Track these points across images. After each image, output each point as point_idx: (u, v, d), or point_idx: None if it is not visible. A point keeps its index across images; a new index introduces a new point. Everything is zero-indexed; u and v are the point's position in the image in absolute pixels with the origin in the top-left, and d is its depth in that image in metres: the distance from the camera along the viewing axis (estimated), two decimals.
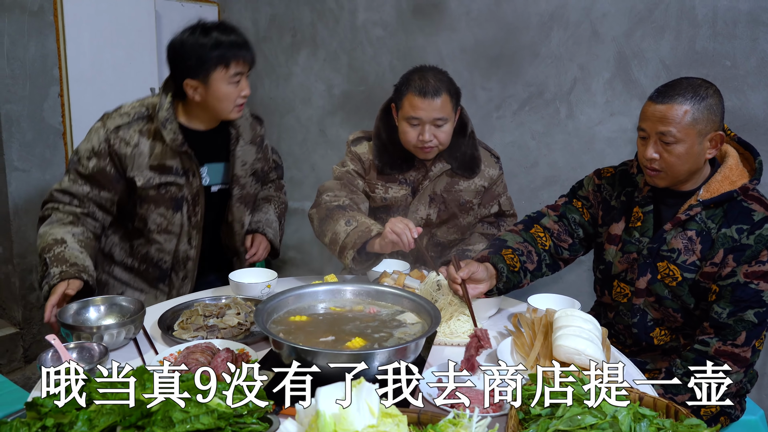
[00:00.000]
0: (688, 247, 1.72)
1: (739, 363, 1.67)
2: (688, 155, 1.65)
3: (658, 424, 1.12)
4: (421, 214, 2.25)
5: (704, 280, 1.71)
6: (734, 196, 1.68)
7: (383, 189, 2.26)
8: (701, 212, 1.71)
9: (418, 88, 2.04)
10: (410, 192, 2.25)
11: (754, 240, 1.64)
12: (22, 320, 3.24)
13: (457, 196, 2.26)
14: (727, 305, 1.66)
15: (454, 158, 2.22)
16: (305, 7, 3.70)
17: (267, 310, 1.49)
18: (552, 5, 2.91)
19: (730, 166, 1.72)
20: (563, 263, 2.02)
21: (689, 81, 1.66)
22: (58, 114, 3.23)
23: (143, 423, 1.02)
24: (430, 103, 2.04)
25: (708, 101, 1.62)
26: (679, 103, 1.62)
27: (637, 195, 1.84)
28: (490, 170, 2.30)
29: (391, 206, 2.27)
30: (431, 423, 1.10)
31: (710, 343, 1.68)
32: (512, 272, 1.84)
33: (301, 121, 3.90)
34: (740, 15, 2.51)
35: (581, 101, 2.92)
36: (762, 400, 2.70)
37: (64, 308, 1.67)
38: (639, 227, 1.81)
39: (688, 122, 1.61)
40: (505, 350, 1.62)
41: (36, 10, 3.05)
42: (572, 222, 1.98)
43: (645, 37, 2.72)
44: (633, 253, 1.82)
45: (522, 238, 1.94)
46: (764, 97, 2.51)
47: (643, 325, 1.84)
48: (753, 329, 1.65)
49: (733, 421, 1.82)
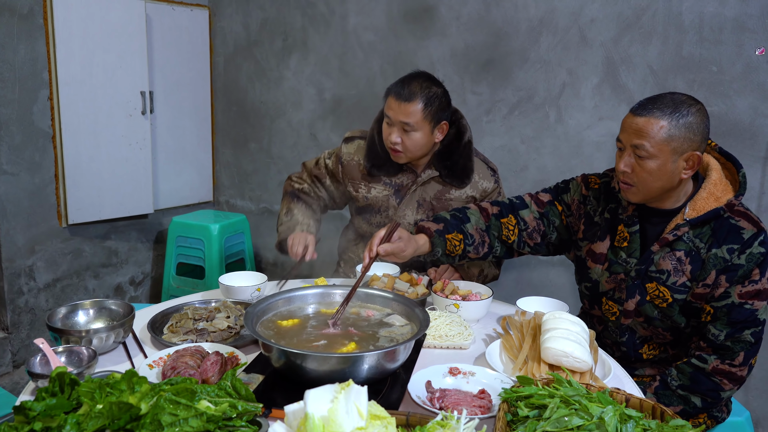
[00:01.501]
0: (677, 268, 1.68)
1: (735, 381, 1.68)
2: (660, 172, 1.61)
3: (644, 425, 1.13)
4: (408, 219, 2.27)
5: (696, 301, 1.69)
6: (721, 213, 1.64)
7: (366, 189, 2.29)
8: (688, 231, 1.67)
9: (396, 89, 2.09)
10: (393, 194, 2.28)
11: (745, 259, 1.61)
12: (11, 324, 3.22)
13: (446, 204, 2.26)
14: (724, 327, 1.65)
15: (443, 166, 2.23)
16: (296, 11, 3.71)
17: (256, 313, 1.49)
18: (541, 11, 2.93)
19: (714, 181, 1.68)
20: (518, 255, 2.01)
21: (673, 96, 1.61)
22: (48, 117, 3.22)
23: (132, 426, 1.02)
24: (400, 106, 2.07)
25: (688, 119, 1.57)
26: (657, 117, 1.57)
27: (622, 213, 1.79)
28: (484, 182, 2.27)
29: (372, 206, 2.31)
30: (420, 425, 1.11)
31: (708, 360, 1.67)
32: (447, 256, 1.88)
33: (292, 125, 3.90)
34: (726, 21, 2.54)
35: (570, 106, 2.94)
36: (748, 402, 2.73)
37: (53, 312, 1.66)
38: (625, 248, 1.77)
39: (662, 138, 1.57)
40: (493, 352, 1.63)
41: (26, 13, 3.04)
42: (551, 224, 1.95)
43: (633, 43, 2.75)
44: (620, 273, 1.78)
45: (485, 225, 1.92)
46: (750, 102, 2.54)
47: (632, 343, 1.84)
48: (750, 348, 1.65)
49: (719, 423, 1.83)
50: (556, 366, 1.48)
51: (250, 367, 1.44)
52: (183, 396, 1.06)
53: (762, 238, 1.62)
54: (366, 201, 2.30)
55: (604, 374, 1.54)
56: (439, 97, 2.10)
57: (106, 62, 3.34)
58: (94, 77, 3.31)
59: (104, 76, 3.35)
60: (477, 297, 1.92)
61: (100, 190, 3.45)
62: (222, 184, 4.32)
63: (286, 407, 1.03)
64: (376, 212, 2.31)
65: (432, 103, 2.08)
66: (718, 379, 1.67)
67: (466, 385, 1.46)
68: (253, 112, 4.04)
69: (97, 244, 3.62)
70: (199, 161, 4.18)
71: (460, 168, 2.23)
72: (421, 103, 2.05)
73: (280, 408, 1.10)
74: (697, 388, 1.68)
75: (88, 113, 3.32)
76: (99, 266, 3.66)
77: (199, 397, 1.08)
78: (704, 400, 1.69)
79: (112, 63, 3.37)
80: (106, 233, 3.66)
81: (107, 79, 3.36)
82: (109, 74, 3.37)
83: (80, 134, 3.31)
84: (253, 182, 4.17)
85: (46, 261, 3.35)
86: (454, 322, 1.76)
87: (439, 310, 1.86)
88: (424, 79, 2.11)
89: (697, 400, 1.69)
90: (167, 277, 3.81)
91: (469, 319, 1.85)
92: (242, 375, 1.39)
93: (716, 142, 1.79)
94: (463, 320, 1.80)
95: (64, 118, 3.23)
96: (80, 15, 3.20)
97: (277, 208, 4.10)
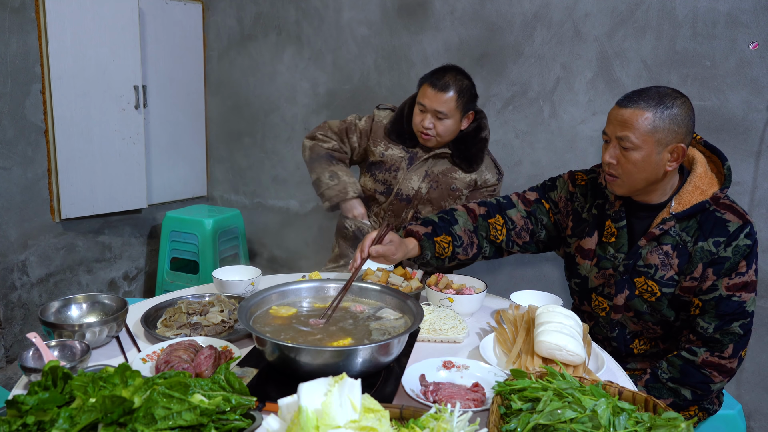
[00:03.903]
0: (665, 262, 1.70)
1: (725, 373, 1.69)
2: (644, 163, 1.63)
3: (636, 417, 1.14)
4: (413, 184, 2.41)
5: (684, 294, 1.71)
6: (707, 206, 1.66)
7: (384, 147, 2.46)
8: (675, 225, 1.69)
9: (433, 80, 2.28)
10: (407, 158, 2.44)
11: (731, 252, 1.63)
12: (3, 319, 3.21)
13: (450, 181, 2.42)
14: (713, 320, 1.66)
15: (457, 148, 2.40)
16: (290, 5, 3.69)
17: (250, 307, 1.49)
18: (535, 5, 2.93)
19: (699, 174, 1.69)
20: (507, 254, 2.02)
21: (659, 89, 1.62)
22: (40, 111, 3.20)
23: (125, 420, 1.02)
24: (436, 95, 2.26)
25: (672, 111, 1.59)
26: (642, 109, 1.59)
27: (609, 208, 1.81)
28: (487, 174, 2.46)
29: (384, 163, 2.45)
30: (413, 418, 1.11)
31: (698, 353, 1.69)
32: (437, 258, 1.88)
33: (285, 120, 3.89)
34: (719, 16, 2.54)
35: (564, 100, 2.95)
36: (740, 395, 2.75)
37: (46, 306, 1.65)
38: (613, 243, 1.78)
39: (647, 129, 1.59)
40: (487, 346, 1.63)
41: (17, 7, 3.02)
42: (539, 222, 1.96)
43: (627, 37, 2.75)
44: (609, 269, 1.80)
45: (473, 226, 1.93)
46: (743, 96, 2.55)
47: (622, 338, 1.85)
48: (739, 340, 1.67)
49: (710, 415, 1.84)
50: (550, 359, 1.49)
51: (243, 360, 1.44)
52: (176, 390, 1.06)
53: (748, 230, 1.64)
54: (381, 157, 2.45)
55: (597, 367, 1.54)
56: (470, 89, 2.32)
57: (99, 56, 3.32)
58: (86, 71, 3.29)
59: (97, 70, 3.33)
60: (471, 291, 1.92)
61: (93, 184, 3.44)
62: (216, 178, 4.30)
63: (280, 401, 1.03)
64: (385, 170, 2.45)
65: (464, 94, 2.29)
66: (708, 372, 1.68)
67: (459, 378, 1.46)
68: (246, 107, 4.03)
69: (90, 239, 3.60)
70: (192, 156, 4.17)
71: (471, 156, 2.41)
72: (455, 94, 2.26)
73: (274, 401, 1.10)
74: (687, 381, 1.70)
75: (80, 107, 3.31)
76: (92, 261, 3.65)
77: (192, 390, 1.08)
78: (694, 393, 1.70)
79: (105, 57, 3.35)
80: (99, 228, 3.65)
81: (100, 73, 3.35)
82: (102, 68, 3.35)
83: (73, 128, 3.29)
84: (246, 177, 4.16)
85: (39, 256, 3.33)
86: (447, 316, 1.77)
87: (432, 305, 1.86)
88: (457, 72, 2.31)
89: (687, 393, 1.70)
90: (161, 272, 3.80)
91: (462, 313, 1.86)
92: (236, 369, 1.39)
93: (707, 137, 1.80)
94: (457, 314, 1.80)
95: (56, 112, 3.22)
96: (73, 9, 3.18)
97: (271, 202, 4.09)
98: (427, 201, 2.44)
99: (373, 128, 2.49)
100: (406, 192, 2.43)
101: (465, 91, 2.29)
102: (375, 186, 2.49)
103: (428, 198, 2.43)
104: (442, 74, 2.28)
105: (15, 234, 3.19)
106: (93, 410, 1.01)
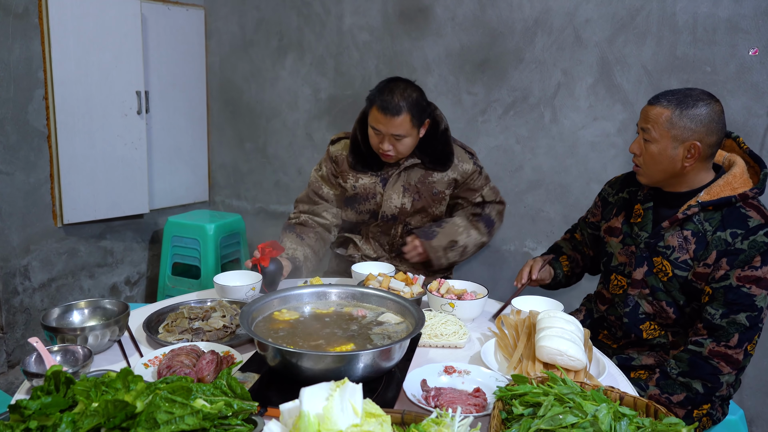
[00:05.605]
0: (682, 246, 1.77)
1: (732, 364, 1.70)
2: (660, 156, 1.74)
3: (637, 422, 1.14)
4: (395, 203, 2.36)
5: (697, 280, 1.75)
6: (732, 201, 1.71)
7: (354, 179, 2.38)
8: (699, 213, 1.75)
9: (381, 104, 2.13)
10: (379, 181, 2.37)
11: (748, 245, 1.66)
12: (5, 324, 3.22)
13: (430, 186, 2.37)
14: (720, 307, 1.70)
15: (425, 154, 2.33)
16: (292, 11, 3.71)
17: (252, 312, 1.49)
18: (536, 11, 2.94)
19: (734, 173, 1.76)
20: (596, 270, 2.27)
21: (689, 91, 1.73)
22: (43, 117, 3.21)
23: (128, 424, 1.02)
24: (389, 120, 2.13)
25: (693, 111, 1.68)
26: (663, 106, 1.71)
27: (640, 194, 1.93)
28: (464, 165, 2.38)
29: (360, 195, 2.39)
30: (415, 423, 1.11)
31: (704, 344, 1.72)
32: (566, 276, 2.21)
33: (287, 125, 3.90)
34: (719, 22, 2.55)
35: (565, 106, 2.95)
36: (742, 401, 2.75)
37: (48, 311, 1.66)
38: (639, 223, 1.88)
39: (664, 124, 1.71)
40: (488, 351, 1.64)
41: (21, 12, 3.04)
42: (583, 234, 2.23)
43: (627, 43, 2.76)
44: (632, 246, 1.90)
45: (571, 245, 2.26)
46: (743, 102, 2.55)
47: (634, 316, 1.89)
48: (745, 332, 1.68)
49: (715, 423, 1.85)
50: (551, 364, 1.49)
51: (245, 366, 1.45)
52: (179, 394, 1.07)
53: None
54: (354, 190, 2.39)
55: (599, 373, 1.54)
56: (419, 101, 2.18)
57: (102, 62, 3.34)
58: (89, 77, 3.30)
59: (100, 76, 3.34)
60: (472, 296, 1.93)
61: (95, 189, 3.45)
62: (217, 183, 4.31)
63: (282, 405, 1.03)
64: (364, 200, 2.40)
65: (416, 109, 2.16)
66: (716, 362, 1.70)
67: (461, 383, 1.47)
68: (248, 112, 4.04)
69: (92, 243, 3.61)
70: (194, 161, 4.18)
71: (439, 154, 2.34)
72: (408, 113, 2.14)
73: (276, 406, 1.10)
74: (697, 373, 1.72)
75: (83, 113, 3.32)
76: (94, 266, 3.66)
77: (194, 395, 1.09)
78: (705, 385, 1.72)
79: (107, 62, 3.36)
80: (101, 233, 3.66)
81: (103, 78, 3.36)
82: (105, 74, 3.36)
83: (75, 134, 3.31)
84: (248, 182, 4.17)
85: (41, 261, 3.34)
86: (449, 321, 1.77)
87: (434, 310, 1.86)
88: (403, 86, 2.17)
89: (698, 386, 1.72)
90: (163, 277, 3.81)
91: (464, 318, 1.86)
92: (238, 374, 1.40)
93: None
94: (458, 319, 1.81)
95: (59, 117, 3.23)
96: (75, 14, 3.19)
97: (272, 207, 4.10)
98: (414, 212, 2.40)
99: (336, 165, 2.40)
100: (390, 212, 2.37)
101: (416, 105, 2.16)
102: (359, 217, 2.44)
103: (414, 210, 2.39)
104: (390, 95, 2.13)
105: (17, 239, 3.20)
106: (95, 415, 1.02)
